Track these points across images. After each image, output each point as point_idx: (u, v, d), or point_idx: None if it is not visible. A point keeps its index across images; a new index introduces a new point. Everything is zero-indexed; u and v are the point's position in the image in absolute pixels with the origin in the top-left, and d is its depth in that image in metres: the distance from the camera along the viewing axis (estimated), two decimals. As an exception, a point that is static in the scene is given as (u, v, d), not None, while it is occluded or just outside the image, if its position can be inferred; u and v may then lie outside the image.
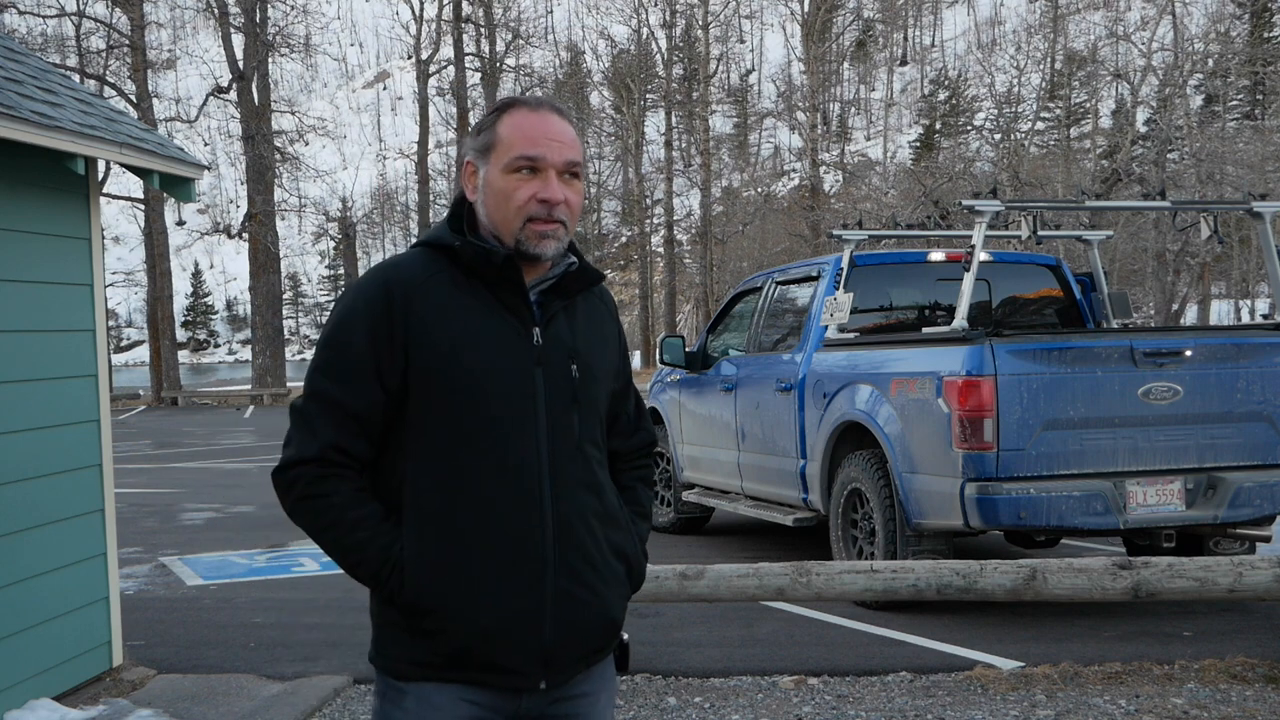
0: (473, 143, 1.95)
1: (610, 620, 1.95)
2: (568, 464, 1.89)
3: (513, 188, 1.87)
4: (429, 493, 1.85)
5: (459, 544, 1.84)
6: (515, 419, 1.86)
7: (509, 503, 1.85)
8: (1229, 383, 5.94)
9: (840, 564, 5.10)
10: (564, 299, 1.95)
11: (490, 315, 1.88)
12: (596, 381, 1.98)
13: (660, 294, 51.36)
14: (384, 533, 1.85)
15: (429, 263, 1.90)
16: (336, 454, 1.86)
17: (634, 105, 52.89)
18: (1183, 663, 5.24)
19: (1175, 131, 34.09)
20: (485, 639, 1.83)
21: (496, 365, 1.86)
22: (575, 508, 1.90)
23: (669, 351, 8.89)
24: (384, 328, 1.85)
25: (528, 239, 1.88)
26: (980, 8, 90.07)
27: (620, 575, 1.98)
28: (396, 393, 1.86)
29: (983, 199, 6.28)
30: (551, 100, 1.99)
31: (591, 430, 1.96)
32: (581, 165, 1.94)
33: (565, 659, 1.89)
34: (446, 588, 1.83)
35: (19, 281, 4.73)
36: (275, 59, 37.35)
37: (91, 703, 4.90)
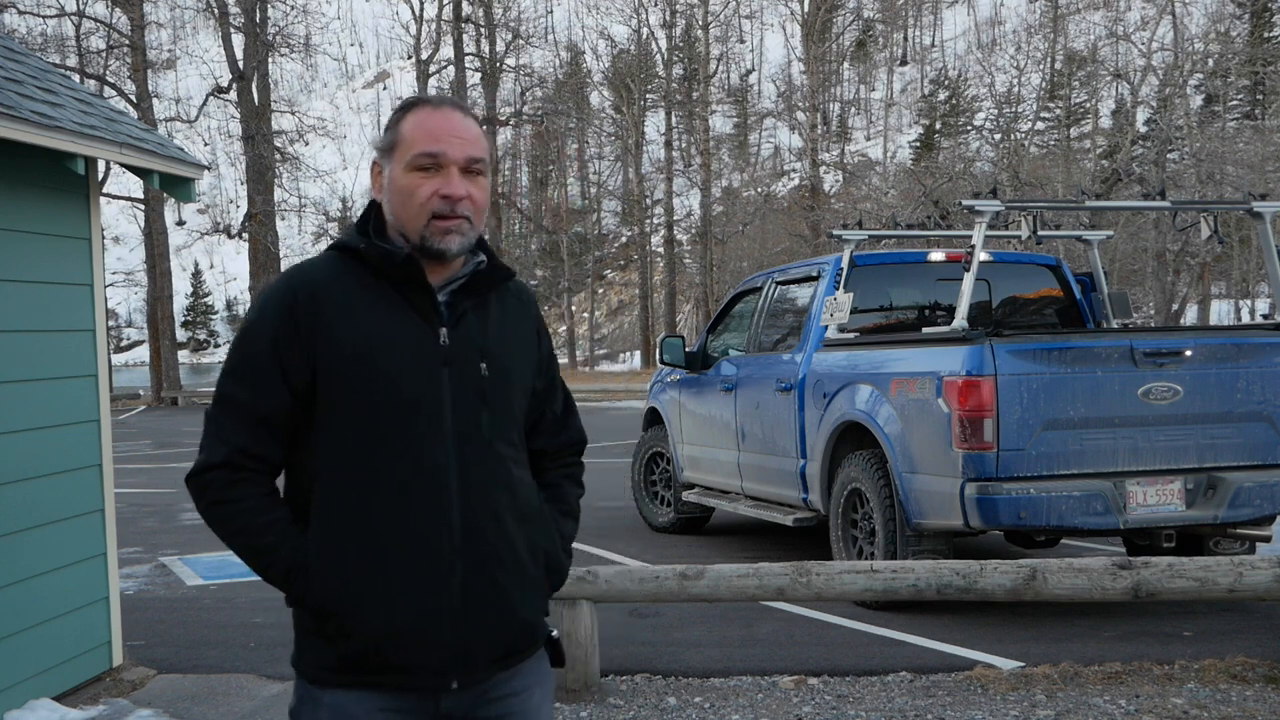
0: (379, 143, 1.97)
1: (523, 621, 1.95)
2: (477, 463, 1.89)
3: (415, 185, 1.88)
4: (335, 493, 1.86)
5: (365, 544, 1.84)
6: (421, 419, 1.86)
7: (415, 502, 1.85)
8: (1229, 383, 5.94)
9: (840, 564, 5.10)
10: (474, 298, 1.95)
11: (396, 316, 1.88)
12: (509, 381, 1.97)
13: (660, 294, 51.35)
14: (292, 536, 1.88)
15: (337, 265, 1.92)
16: (244, 459, 1.88)
17: (634, 105, 52.88)
18: (1183, 663, 5.24)
19: (1175, 131, 34.09)
20: (393, 639, 1.84)
21: (402, 366, 1.86)
22: (485, 507, 1.89)
23: (669, 351, 8.89)
24: (288, 332, 1.87)
25: (432, 235, 1.88)
26: (980, 8, 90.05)
27: (536, 575, 1.98)
28: (303, 395, 1.87)
29: (983, 199, 6.28)
30: (454, 99, 2.00)
31: (504, 429, 1.95)
32: (485, 162, 1.94)
33: (476, 659, 1.89)
34: (353, 589, 1.84)
35: (19, 281, 4.73)
36: (275, 59, 37.34)
37: (91, 703, 4.90)
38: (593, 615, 5.04)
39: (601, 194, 70.58)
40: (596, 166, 71.12)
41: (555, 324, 73.81)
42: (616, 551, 8.40)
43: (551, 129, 53.63)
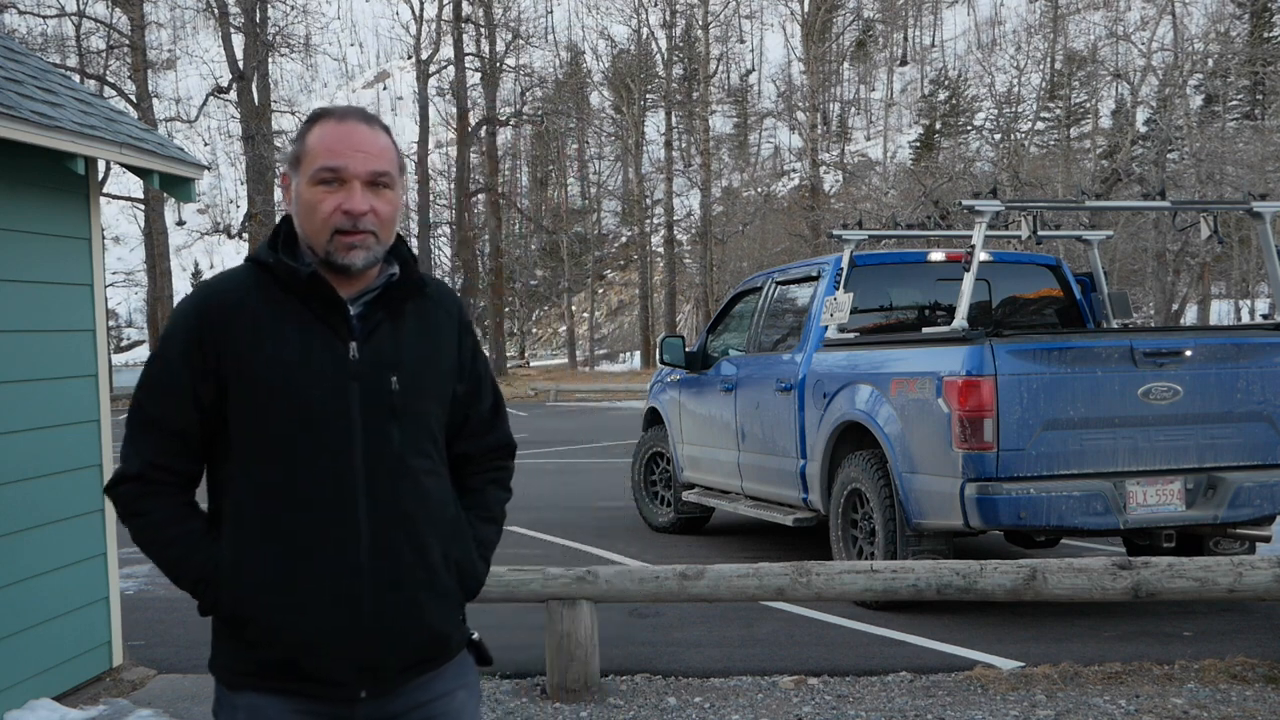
0: (288, 156, 1.96)
1: (434, 633, 1.95)
2: (386, 476, 1.89)
3: (318, 199, 1.87)
4: (245, 505, 1.88)
5: (274, 557, 1.86)
6: (329, 433, 1.86)
7: (323, 517, 1.86)
8: (1229, 383, 5.94)
9: (840, 564, 5.09)
10: (388, 309, 1.94)
11: (305, 330, 1.88)
12: (423, 393, 1.96)
13: (660, 294, 51.35)
14: (203, 546, 1.91)
15: (250, 278, 1.92)
16: (157, 471, 1.91)
17: (634, 105, 52.89)
18: (1183, 663, 5.24)
19: (1175, 131, 34.09)
20: (301, 650, 1.86)
21: (310, 380, 1.86)
22: (395, 520, 1.89)
23: (669, 351, 8.89)
24: (196, 347, 1.88)
25: (336, 250, 1.87)
26: (980, 8, 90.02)
27: (450, 586, 1.98)
28: (213, 410, 1.89)
29: (983, 199, 6.28)
30: (361, 110, 1.98)
31: (417, 441, 1.94)
32: (392, 175, 1.92)
33: (386, 670, 1.90)
34: (261, 600, 1.86)
35: (19, 281, 4.73)
36: (275, 59, 37.35)
37: (91, 703, 4.91)
38: (593, 615, 5.04)
39: (601, 194, 70.55)
40: (596, 166, 71.10)
41: (555, 324, 73.86)
42: (616, 551, 8.40)
43: (551, 129, 53.62)
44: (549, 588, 5.02)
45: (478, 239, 48.06)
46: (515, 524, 9.85)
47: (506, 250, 54.47)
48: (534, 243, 67.66)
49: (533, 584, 5.03)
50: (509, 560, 7.97)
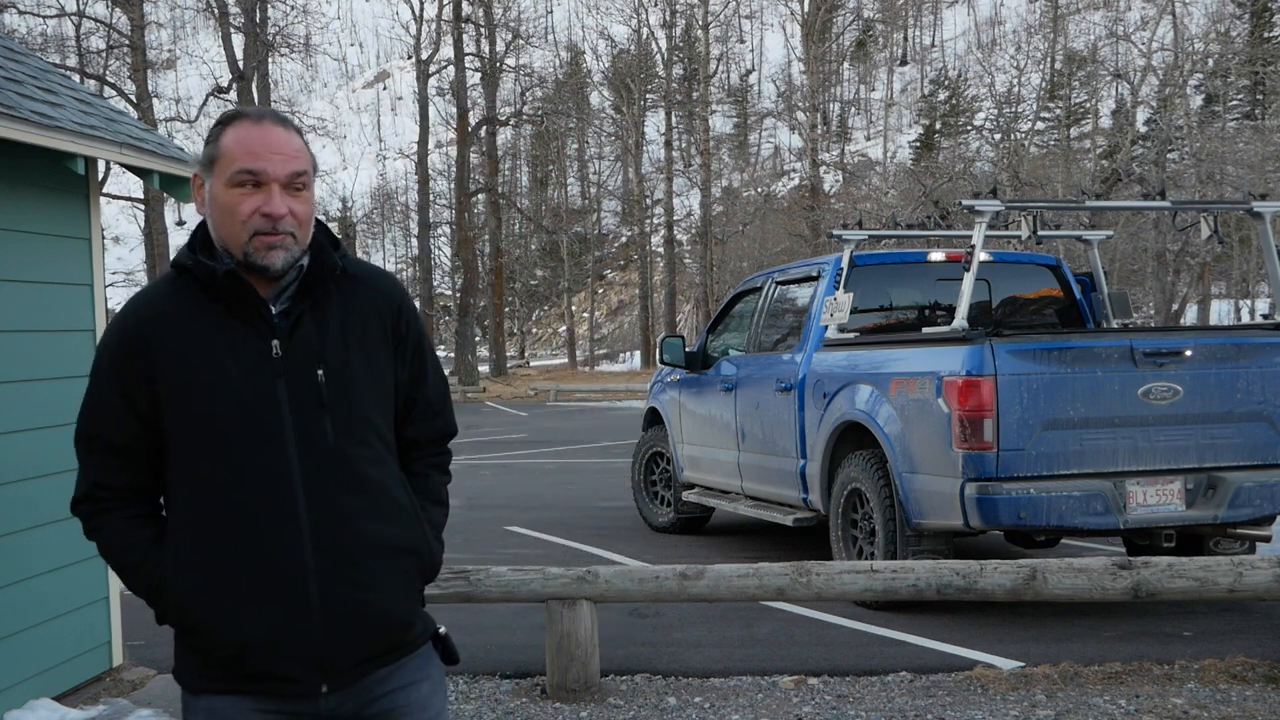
0: (201, 157, 1.94)
1: (391, 619, 1.95)
2: (323, 470, 1.89)
3: (235, 202, 1.87)
4: (186, 510, 1.91)
5: (215, 559, 1.87)
6: (261, 432, 1.87)
7: (262, 516, 1.86)
8: (1229, 383, 5.94)
9: (840, 564, 5.09)
10: (308, 300, 1.93)
11: (227, 332, 1.89)
12: (352, 381, 1.95)
13: (660, 294, 51.36)
14: (152, 555, 1.93)
15: (172, 287, 1.94)
16: (101, 490, 1.96)
17: (634, 105, 52.90)
18: (1183, 663, 5.24)
19: (1175, 131, 34.10)
20: (252, 650, 1.86)
21: (235, 381, 1.88)
22: (335, 512, 1.89)
23: (669, 351, 8.89)
24: (126, 362, 1.91)
25: (255, 251, 1.88)
26: (980, 8, 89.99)
27: (404, 569, 1.98)
28: (153, 421, 1.91)
29: (983, 199, 6.28)
30: (276, 112, 1.98)
31: (353, 431, 1.94)
32: (309, 175, 1.92)
33: (344, 663, 1.90)
34: (206, 603, 1.87)
35: (19, 281, 4.73)
36: (275, 59, 37.36)
37: (91, 703, 4.91)
38: (593, 615, 5.04)
39: (601, 194, 70.55)
40: (596, 166, 71.10)
41: (555, 324, 73.85)
42: (616, 551, 8.40)
43: (551, 129, 53.62)
44: (549, 588, 5.02)
45: (478, 239, 48.06)
46: (515, 524, 9.85)
47: (506, 250, 54.47)
48: (534, 243, 67.68)
49: (533, 584, 5.03)
50: (509, 560, 7.99)
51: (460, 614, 6.25)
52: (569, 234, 59.36)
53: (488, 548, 8.78)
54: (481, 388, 36.34)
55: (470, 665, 5.52)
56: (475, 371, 40.59)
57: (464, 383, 37.44)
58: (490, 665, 5.53)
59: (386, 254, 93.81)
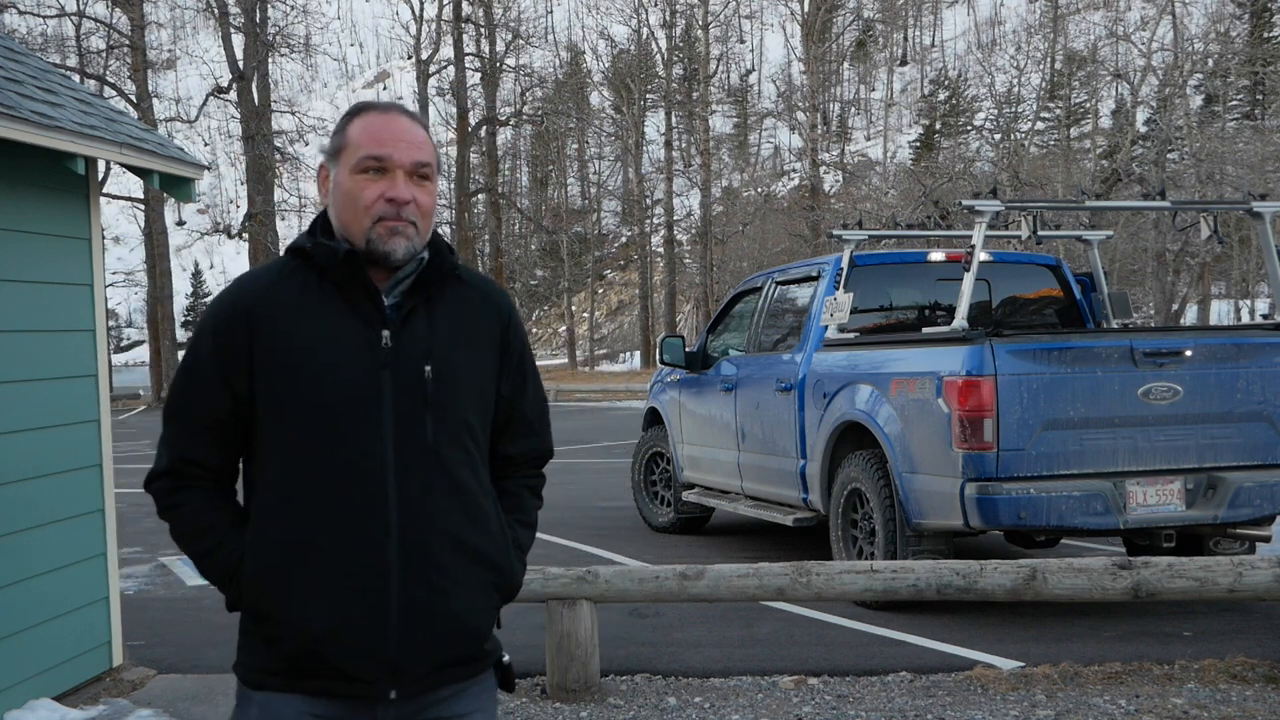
0: (326, 148, 1.96)
1: (466, 627, 1.91)
2: (418, 468, 1.86)
3: (360, 188, 1.87)
4: (271, 496, 1.87)
5: (299, 548, 1.84)
6: (359, 422, 1.84)
7: (351, 507, 1.83)
8: (1229, 383, 5.94)
9: (840, 564, 5.10)
10: (422, 296, 1.92)
11: (338, 317, 1.87)
12: (457, 383, 1.92)
13: (660, 294, 51.35)
14: (230, 538, 1.90)
15: (285, 268, 1.93)
16: (187, 466, 1.93)
17: (634, 105, 52.89)
18: (1183, 663, 5.24)
19: (1175, 131, 34.10)
20: (323, 644, 1.82)
21: (341, 368, 1.85)
22: (425, 512, 1.86)
23: (669, 351, 8.89)
24: (226, 337, 1.88)
25: (378, 237, 1.87)
26: (980, 8, 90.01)
27: (485, 582, 1.94)
28: (246, 401, 1.88)
29: (983, 199, 6.28)
30: (401, 105, 1.99)
31: (452, 433, 1.91)
32: (432, 167, 1.93)
33: (416, 668, 1.86)
34: (283, 590, 1.84)
35: (19, 281, 4.73)
36: (275, 59, 37.34)
37: (91, 703, 4.91)
38: (593, 615, 5.04)
39: (601, 194, 70.56)
40: (596, 166, 71.09)
41: (555, 324, 73.84)
42: (616, 551, 8.40)
43: (551, 129, 53.62)
44: (549, 588, 5.02)
45: (478, 239, 48.09)
46: (515, 524, 9.85)
47: (506, 250, 54.48)
48: (534, 243, 67.68)
49: (533, 584, 5.03)
50: (509, 560, 7.98)
51: (460, 614, 6.25)
52: (569, 234, 59.35)
53: (488, 548, 8.76)
54: (481, 388, 36.26)
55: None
56: (475, 371, 40.48)
57: (464, 383, 37.37)
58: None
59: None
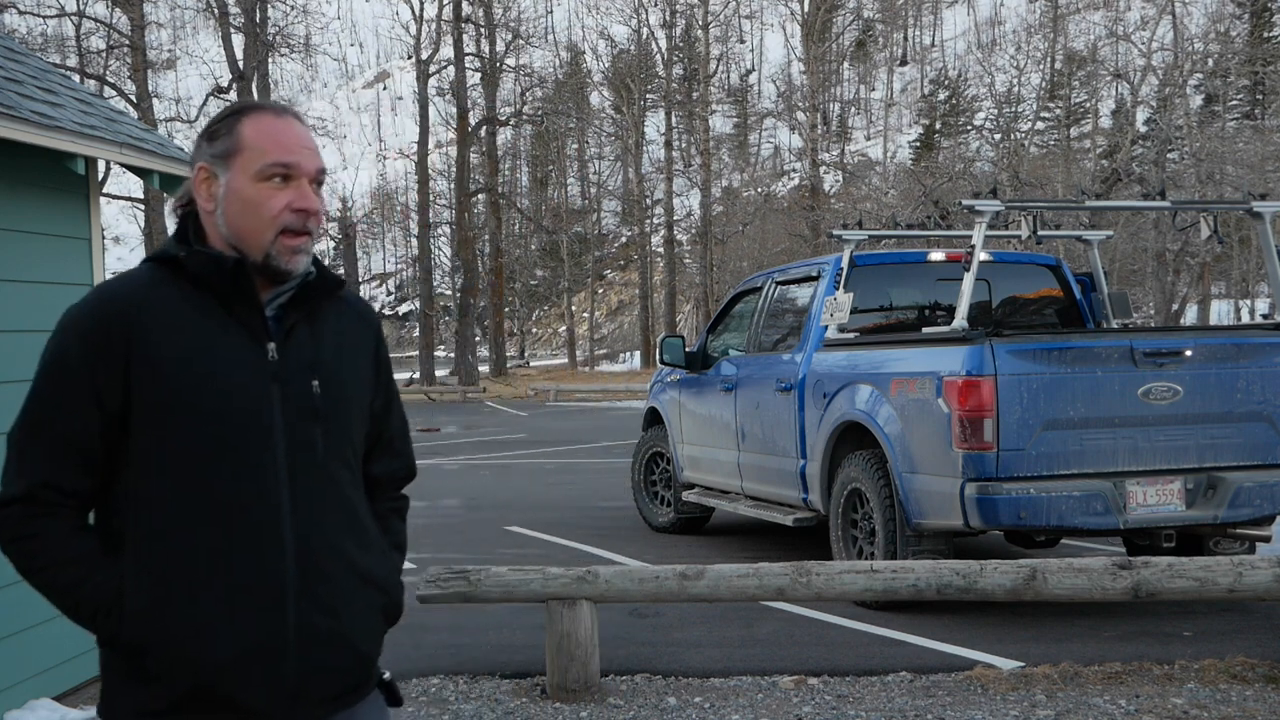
0: (207, 148, 1.82)
1: (361, 655, 1.83)
2: (311, 484, 1.78)
3: (265, 196, 1.77)
4: (152, 519, 1.73)
5: (187, 574, 1.71)
6: (249, 439, 1.74)
7: (244, 529, 1.72)
8: (1229, 383, 5.94)
9: (840, 564, 5.10)
10: (304, 310, 1.84)
11: (221, 331, 1.77)
12: (344, 397, 1.86)
13: (660, 294, 51.36)
14: (100, 569, 1.73)
15: (153, 277, 1.79)
16: (47, 491, 1.74)
17: (634, 105, 52.90)
18: (1183, 663, 5.24)
19: (1175, 131, 34.10)
20: (219, 675, 1.70)
21: (227, 383, 1.74)
22: (320, 530, 1.78)
23: (669, 351, 8.89)
24: (102, 350, 1.73)
25: (279, 254, 1.77)
26: (980, 8, 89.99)
27: (374, 605, 1.87)
28: (117, 419, 1.74)
29: (983, 199, 6.28)
30: (290, 106, 1.93)
31: (340, 448, 1.84)
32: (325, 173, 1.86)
33: (313, 697, 1.76)
34: (170, 623, 1.70)
35: (19, 281, 4.73)
36: (275, 59, 37.37)
37: (91, 703, 4.90)
38: (593, 615, 5.04)
39: (601, 194, 70.57)
40: (596, 166, 71.10)
41: (555, 324, 73.83)
42: (616, 551, 8.40)
43: (551, 129, 53.63)
44: (549, 588, 5.02)
45: (478, 239, 48.08)
46: (515, 524, 9.85)
47: (506, 250, 54.48)
48: (534, 243, 67.68)
49: (533, 584, 5.03)
50: (509, 560, 7.99)
51: (460, 614, 6.25)
52: (569, 234, 59.37)
53: (488, 548, 8.78)
54: (481, 388, 36.34)
55: (470, 665, 5.53)
56: (475, 372, 40.59)
57: (464, 383, 37.44)
58: (490, 665, 5.53)
59: (386, 254, 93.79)
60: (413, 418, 10.70)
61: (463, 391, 34.89)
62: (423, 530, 9.68)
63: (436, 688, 5.20)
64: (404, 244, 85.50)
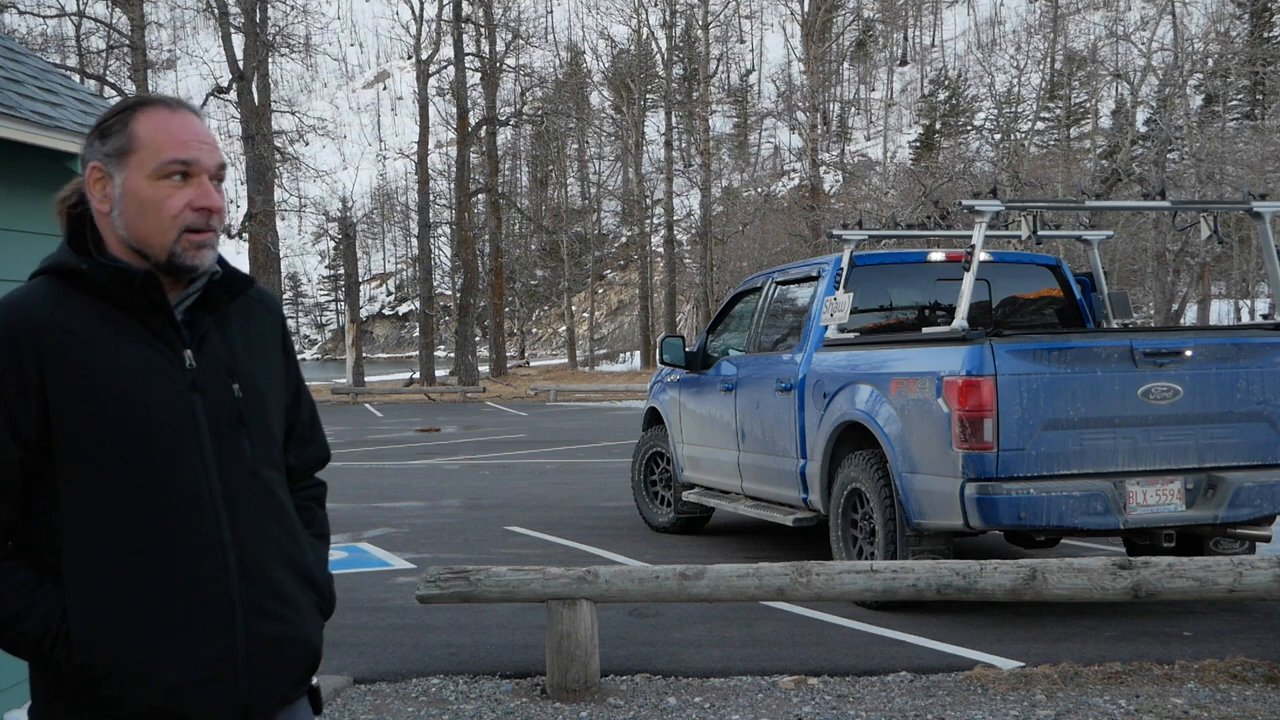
0: (100, 146, 1.74)
1: (311, 650, 1.83)
2: (244, 493, 1.75)
3: (164, 195, 1.70)
4: (90, 546, 1.67)
5: (131, 596, 1.66)
6: (177, 453, 1.69)
7: (183, 544, 1.68)
8: (1229, 383, 5.94)
9: (840, 564, 5.10)
10: (214, 312, 1.79)
11: (133, 343, 1.70)
12: (264, 398, 1.83)
13: (660, 294, 51.37)
14: (40, 600, 1.67)
15: (54, 293, 1.73)
16: None
17: (634, 105, 52.92)
18: (1183, 663, 5.24)
19: (1175, 131, 34.10)
20: (175, 696, 1.67)
21: (147, 398, 1.69)
22: (259, 539, 1.76)
23: (669, 351, 8.90)
24: (11, 376, 1.66)
25: (184, 251, 1.71)
26: (980, 8, 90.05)
27: (312, 602, 1.86)
28: (36, 445, 1.67)
29: (983, 199, 6.28)
30: (186, 100, 1.84)
31: (266, 451, 1.81)
32: (225, 168, 1.81)
33: (265, 704, 1.76)
34: (123, 647, 1.65)
35: (19, 282, 4.72)
36: (275, 59, 37.38)
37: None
38: (593, 615, 5.04)
39: (601, 194, 70.62)
40: (596, 166, 71.15)
41: (555, 324, 73.89)
42: (616, 551, 8.40)
43: (551, 129, 53.64)
44: (549, 588, 5.02)
45: (478, 239, 48.08)
46: (515, 524, 9.85)
47: (506, 250, 54.49)
48: (534, 243, 67.72)
49: (533, 584, 5.03)
50: (509, 560, 7.99)
51: (460, 614, 6.25)
52: (569, 234, 59.38)
53: (488, 548, 8.78)
54: (481, 388, 36.34)
55: (470, 665, 5.53)
56: (475, 371, 40.59)
57: (464, 383, 37.45)
58: (490, 665, 5.53)
59: (386, 254, 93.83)
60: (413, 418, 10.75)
61: (463, 391, 34.89)
62: (423, 530, 9.69)
63: (436, 688, 5.20)
64: (404, 244, 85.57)
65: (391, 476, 14.21)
